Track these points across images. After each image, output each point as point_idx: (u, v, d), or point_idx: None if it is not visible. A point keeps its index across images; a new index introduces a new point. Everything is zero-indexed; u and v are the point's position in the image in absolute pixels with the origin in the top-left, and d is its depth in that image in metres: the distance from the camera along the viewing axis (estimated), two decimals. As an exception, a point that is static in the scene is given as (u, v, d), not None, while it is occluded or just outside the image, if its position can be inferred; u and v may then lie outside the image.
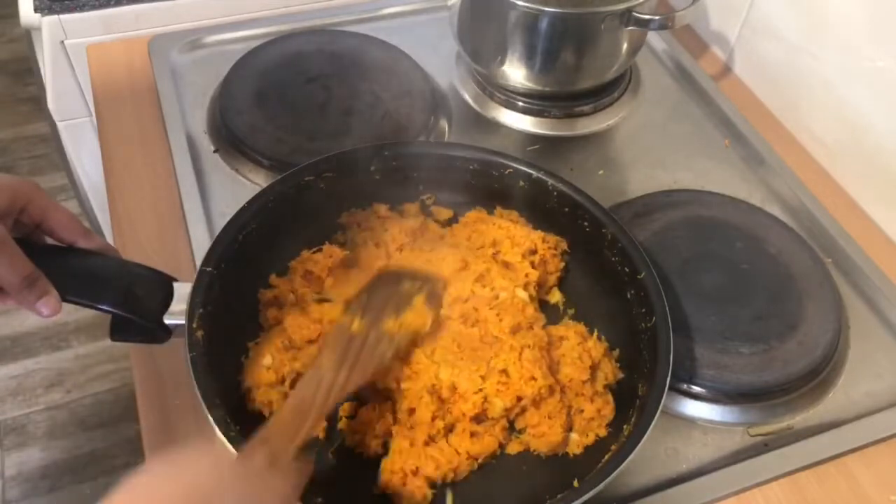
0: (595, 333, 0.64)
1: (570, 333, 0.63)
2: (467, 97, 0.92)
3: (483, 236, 0.69)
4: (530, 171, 0.69)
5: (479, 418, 0.59)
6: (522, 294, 0.65)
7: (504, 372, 0.59)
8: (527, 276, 0.66)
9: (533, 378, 0.58)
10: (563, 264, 0.69)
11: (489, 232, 0.69)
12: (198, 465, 0.43)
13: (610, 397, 0.61)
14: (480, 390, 0.58)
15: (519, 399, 0.58)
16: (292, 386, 0.59)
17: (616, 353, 0.64)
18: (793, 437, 0.64)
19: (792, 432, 0.64)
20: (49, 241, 0.55)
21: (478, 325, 0.63)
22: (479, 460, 0.58)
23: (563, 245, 0.70)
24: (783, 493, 0.61)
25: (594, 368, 0.62)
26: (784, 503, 0.61)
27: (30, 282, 0.49)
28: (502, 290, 0.64)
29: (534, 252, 0.68)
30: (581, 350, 0.62)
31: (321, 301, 0.63)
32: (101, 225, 1.28)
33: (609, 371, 0.62)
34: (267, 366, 0.58)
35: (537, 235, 0.68)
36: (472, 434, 0.58)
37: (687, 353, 0.66)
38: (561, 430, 0.59)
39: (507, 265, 0.67)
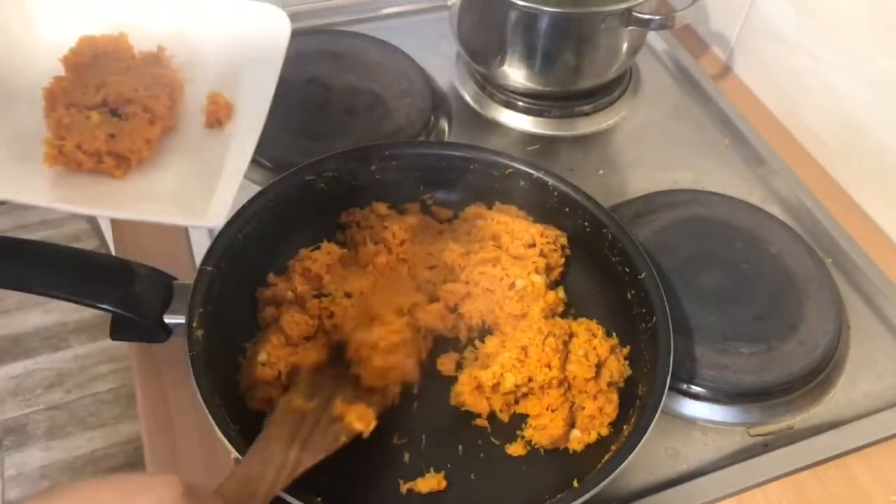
0: (602, 331, 0.64)
1: (581, 330, 0.63)
2: (467, 97, 0.92)
3: (482, 231, 0.69)
4: (531, 171, 0.69)
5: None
6: (538, 279, 0.65)
7: (524, 349, 0.59)
8: (535, 262, 0.66)
9: (548, 366, 0.58)
10: (563, 260, 0.69)
11: (488, 227, 0.69)
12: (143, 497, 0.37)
13: (614, 396, 0.61)
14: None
15: (529, 380, 0.59)
16: (288, 381, 0.59)
17: (624, 351, 0.64)
18: (793, 437, 0.64)
19: (792, 432, 0.64)
20: (47, 239, 0.55)
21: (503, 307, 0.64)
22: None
23: (563, 239, 0.69)
24: (783, 493, 0.61)
25: (599, 366, 0.61)
26: (784, 503, 0.61)
27: None
28: (517, 278, 0.64)
29: (532, 245, 0.68)
30: (588, 348, 0.61)
31: (319, 296, 0.63)
32: (101, 225, 1.28)
33: (615, 369, 0.61)
34: (262, 362, 0.58)
35: (536, 229, 0.68)
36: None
37: (687, 353, 0.66)
38: (562, 424, 0.59)
39: (513, 256, 0.67)
